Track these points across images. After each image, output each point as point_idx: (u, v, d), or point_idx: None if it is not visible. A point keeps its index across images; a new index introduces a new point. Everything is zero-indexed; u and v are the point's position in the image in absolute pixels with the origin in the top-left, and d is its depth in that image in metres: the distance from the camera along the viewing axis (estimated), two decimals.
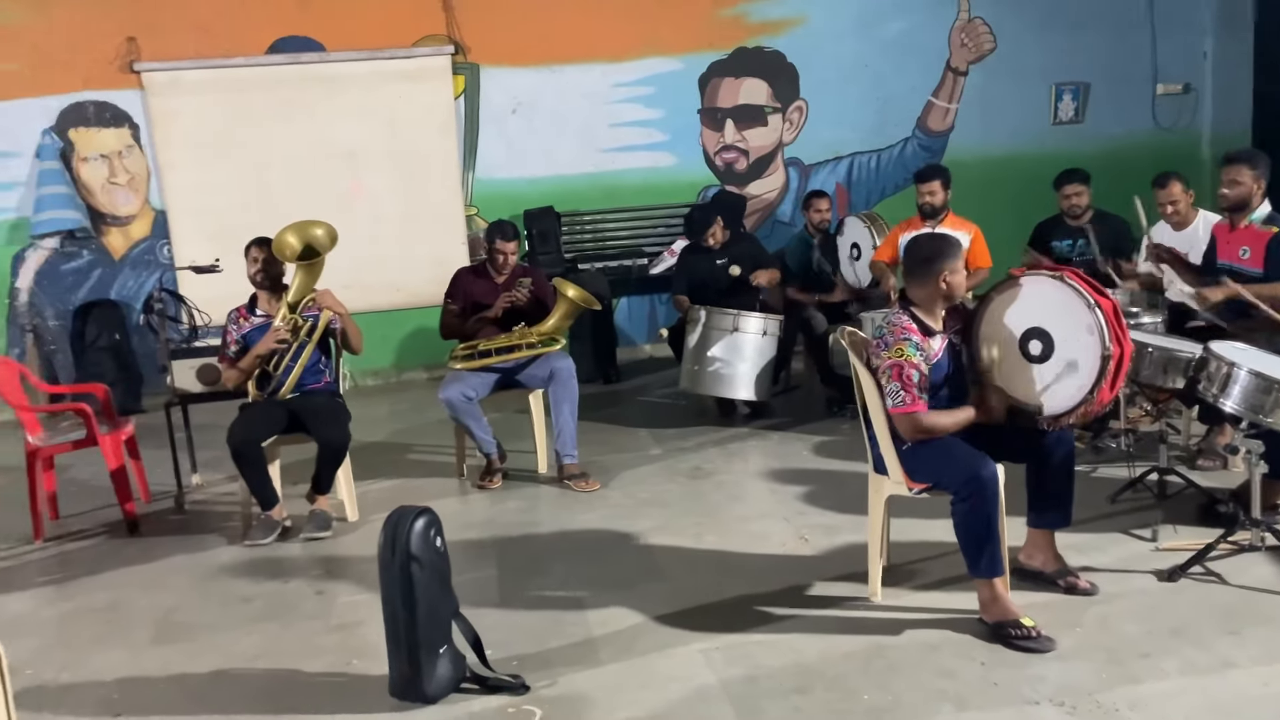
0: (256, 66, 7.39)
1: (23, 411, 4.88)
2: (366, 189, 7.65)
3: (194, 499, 5.23)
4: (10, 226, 7.27)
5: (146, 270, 7.53)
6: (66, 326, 7.40)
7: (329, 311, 4.64)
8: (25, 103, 7.10)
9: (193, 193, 7.43)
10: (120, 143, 7.36)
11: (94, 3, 7.14)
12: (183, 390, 5.08)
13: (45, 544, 4.72)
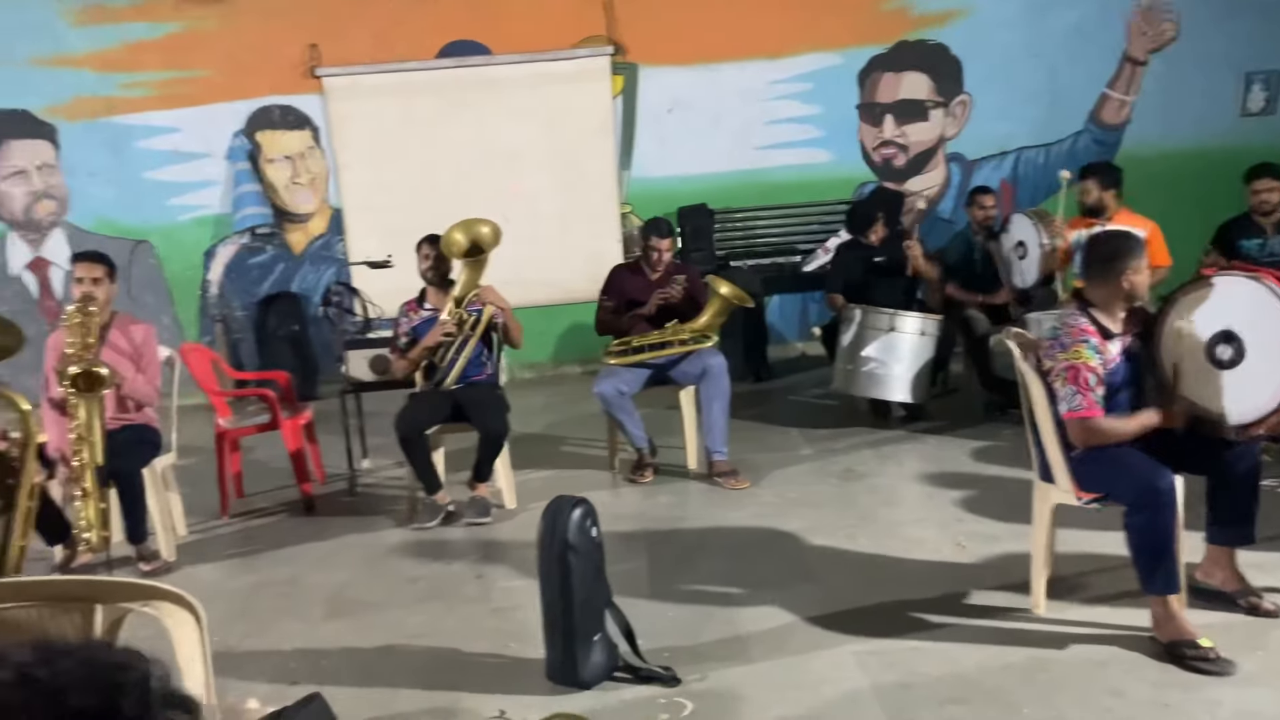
0: (427, 70, 7.71)
1: (214, 396, 5.26)
2: (525, 188, 7.86)
3: (364, 482, 5.51)
4: (210, 222, 7.83)
5: (323, 265, 7.98)
6: (251, 317, 7.92)
7: (492, 306, 4.81)
8: (219, 107, 7.63)
9: (366, 191, 7.82)
10: (302, 144, 7.82)
11: (281, 12, 7.61)
12: (356, 379, 5.36)
13: (231, 519, 5.08)
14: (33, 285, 7.82)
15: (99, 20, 7.51)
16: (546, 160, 7.90)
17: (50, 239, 7.80)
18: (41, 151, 7.66)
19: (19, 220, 7.76)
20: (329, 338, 7.89)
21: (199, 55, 7.58)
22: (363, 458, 5.72)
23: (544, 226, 7.88)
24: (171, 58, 7.55)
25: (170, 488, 4.74)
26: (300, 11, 7.61)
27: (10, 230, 7.76)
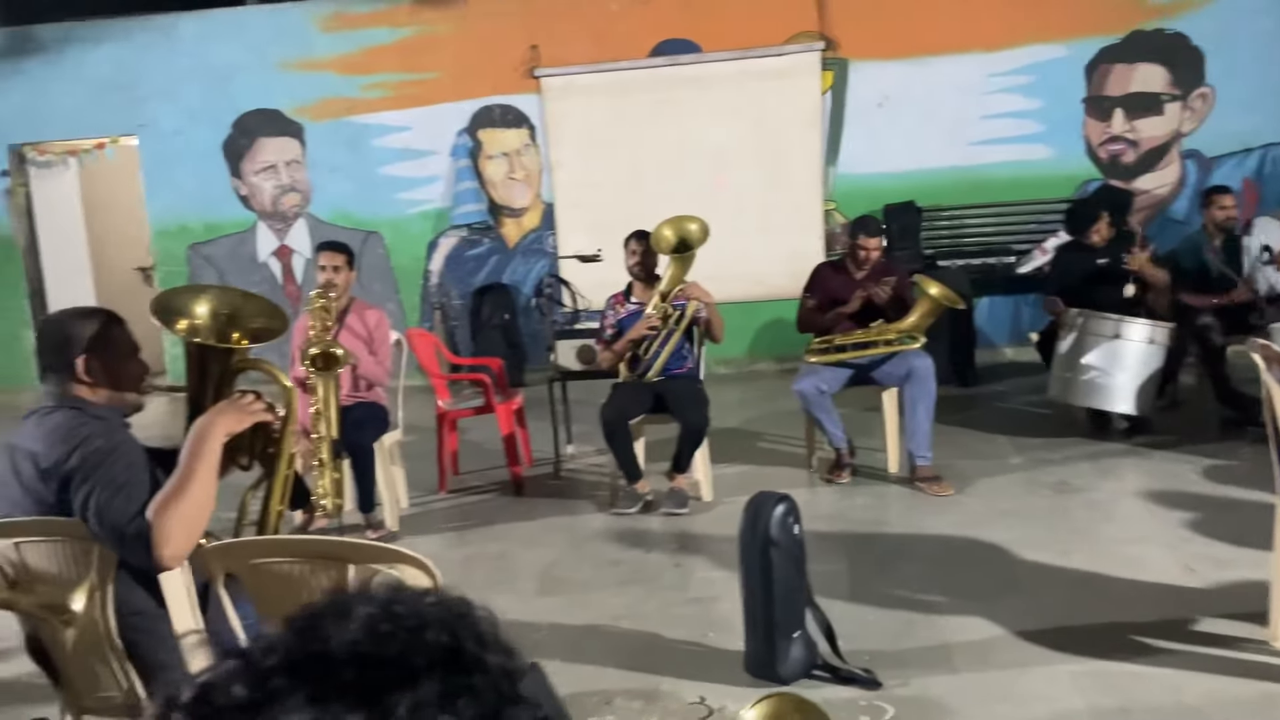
0: (639, 69, 7.89)
1: (435, 379, 5.61)
2: (729, 184, 7.92)
3: (568, 467, 5.72)
4: (432, 216, 8.33)
5: (534, 258, 8.32)
6: (467, 306, 8.36)
7: (696, 302, 4.88)
8: (446, 107, 8.10)
9: (576, 188, 8.10)
10: (519, 142, 8.19)
11: (505, 15, 7.99)
12: (564, 367, 5.58)
13: (447, 495, 5.40)
14: (277, 271, 8.55)
15: (344, 27, 8.12)
16: (751, 157, 7.92)
17: (294, 229, 8.50)
18: (289, 148, 8.36)
19: (267, 211, 8.51)
20: (537, 327, 8.24)
21: (430, 58, 8.06)
22: (567, 443, 5.94)
23: (746, 222, 7.91)
24: (406, 61, 8.07)
25: (395, 462, 5.08)
26: (523, 15, 7.96)
27: (260, 220, 8.52)
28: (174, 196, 8.46)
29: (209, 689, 0.59)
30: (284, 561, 2.06)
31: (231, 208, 8.47)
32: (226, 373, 2.48)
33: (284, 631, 0.62)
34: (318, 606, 0.63)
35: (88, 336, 2.39)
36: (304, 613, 0.63)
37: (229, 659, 0.61)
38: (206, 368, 2.47)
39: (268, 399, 2.45)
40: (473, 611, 0.65)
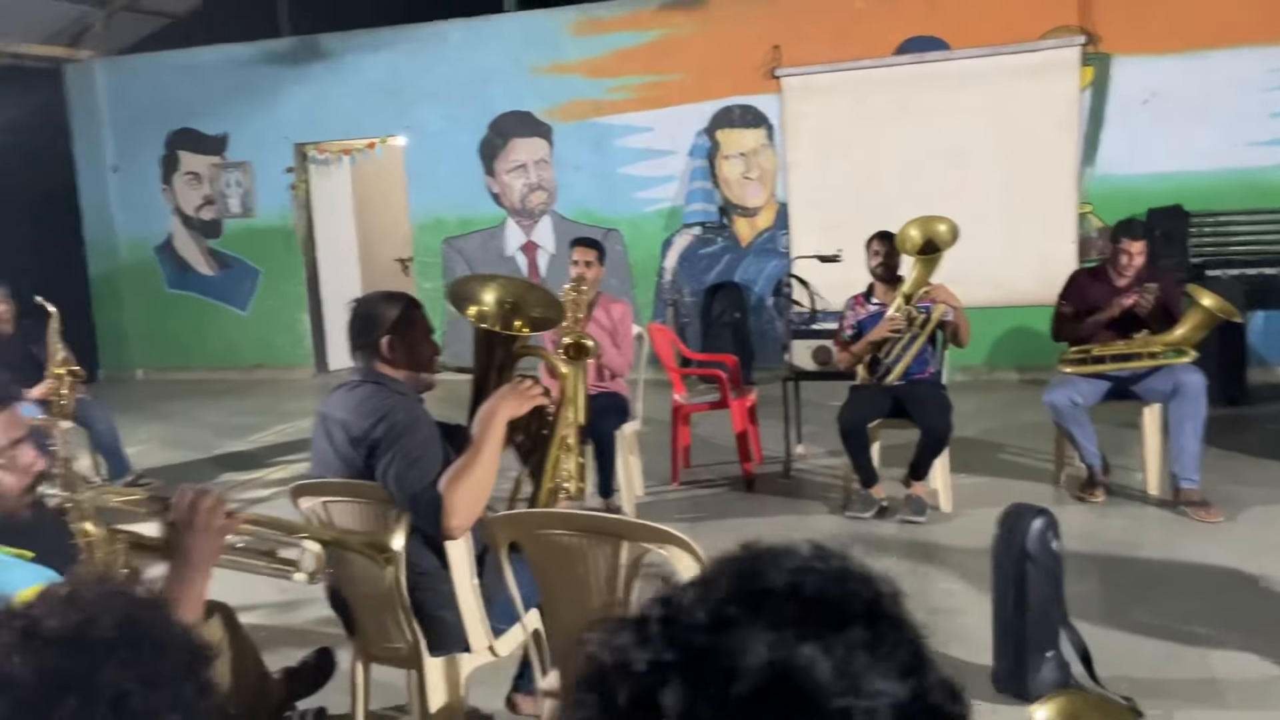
0: (883, 68, 7.76)
1: (672, 372, 5.75)
2: (972, 185, 7.64)
3: (798, 467, 5.73)
4: (667, 214, 8.53)
5: (766, 257, 8.36)
6: (698, 303, 8.51)
7: (943, 305, 4.76)
8: (686, 108, 8.27)
9: (812, 188, 8.06)
10: (756, 142, 8.24)
11: (748, 16, 8.06)
12: (798, 367, 5.59)
13: (680, 486, 5.53)
14: (523, 265, 9.01)
15: (593, 31, 8.45)
16: (998, 156, 7.62)
17: (539, 225, 8.93)
18: (538, 149, 8.79)
19: (516, 208, 8.98)
20: (766, 327, 8.29)
21: (674, 60, 8.25)
22: (797, 443, 5.94)
23: (991, 225, 7.60)
24: (651, 63, 8.30)
25: (633, 452, 5.26)
26: (766, 16, 8.01)
27: (509, 216, 9.00)
28: (433, 193, 9.09)
29: (675, 610, 0.67)
30: (564, 534, 2.20)
31: (484, 204, 9.00)
32: (508, 357, 2.68)
33: (722, 570, 0.69)
34: (753, 551, 0.70)
35: (392, 318, 2.63)
36: (743, 555, 0.70)
37: (684, 590, 0.69)
38: (492, 351, 2.67)
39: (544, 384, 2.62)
40: (881, 577, 0.70)
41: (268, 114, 9.32)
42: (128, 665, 0.94)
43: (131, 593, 1.03)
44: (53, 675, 0.91)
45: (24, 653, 0.92)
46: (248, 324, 9.77)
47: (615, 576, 2.16)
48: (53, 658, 0.92)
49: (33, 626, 0.94)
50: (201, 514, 1.72)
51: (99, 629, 0.95)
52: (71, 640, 0.94)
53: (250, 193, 9.58)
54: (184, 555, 1.71)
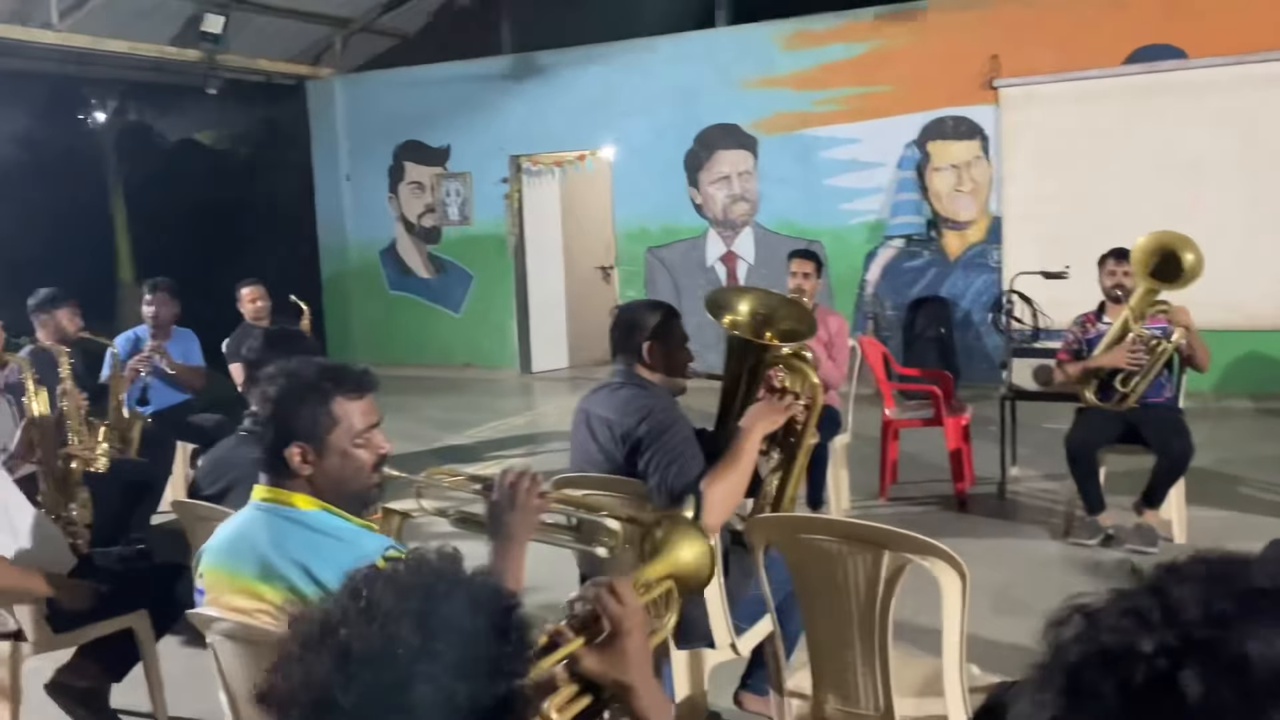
0: (1111, 78, 7.44)
1: (884, 386, 5.72)
2: (1207, 201, 7.21)
3: (1012, 489, 5.57)
4: (871, 227, 8.46)
5: (976, 272, 8.15)
6: (900, 317, 8.39)
7: (1181, 330, 4.54)
8: (896, 119, 8.18)
9: (1028, 201, 7.81)
10: (969, 154, 8.06)
11: (965, 26, 7.90)
12: (1018, 386, 5.44)
13: (887, 502, 5.49)
14: (722, 275, 9.13)
15: (804, 45, 8.49)
16: (1238, 171, 7.16)
17: (740, 236, 9.04)
18: (743, 160, 8.90)
19: (718, 219, 9.12)
20: (972, 343, 8.08)
21: (885, 72, 8.18)
22: (1011, 465, 5.78)
23: (1227, 243, 7.13)
24: (861, 75, 8.26)
25: (842, 465, 5.27)
26: (986, 25, 7.83)
27: (710, 227, 9.15)
28: (638, 203, 9.35)
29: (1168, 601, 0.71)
30: (825, 539, 2.27)
31: (687, 215, 9.18)
32: (759, 366, 2.77)
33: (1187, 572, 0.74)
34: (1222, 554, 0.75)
35: (653, 325, 2.78)
36: (1208, 558, 0.75)
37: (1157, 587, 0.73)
38: (743, 359, 2.77)
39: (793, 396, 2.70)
40: None
41: (487, 127, 9.83)
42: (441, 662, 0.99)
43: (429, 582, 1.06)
44: (373, 696, 0.96)
45: (343, 679, 0.97)
46: (460, 325, 10.33)
47: (875, 585, 2.21)
48: (370, 679, 0.97)
49: (344, 650, 0.99)
50: (520, 493, 1.89)
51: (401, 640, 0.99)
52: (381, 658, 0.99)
53: (468, 201, 10.13)
54: (505, 531, 1.89)
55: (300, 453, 1.87)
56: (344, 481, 1.90)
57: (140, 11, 8.56)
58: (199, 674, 3.68)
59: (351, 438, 1.90)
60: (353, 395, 1.91)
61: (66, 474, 3.27)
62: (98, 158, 12.08)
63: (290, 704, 0.99)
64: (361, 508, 1.96)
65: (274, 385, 1.91)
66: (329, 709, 0.97)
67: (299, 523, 1.87)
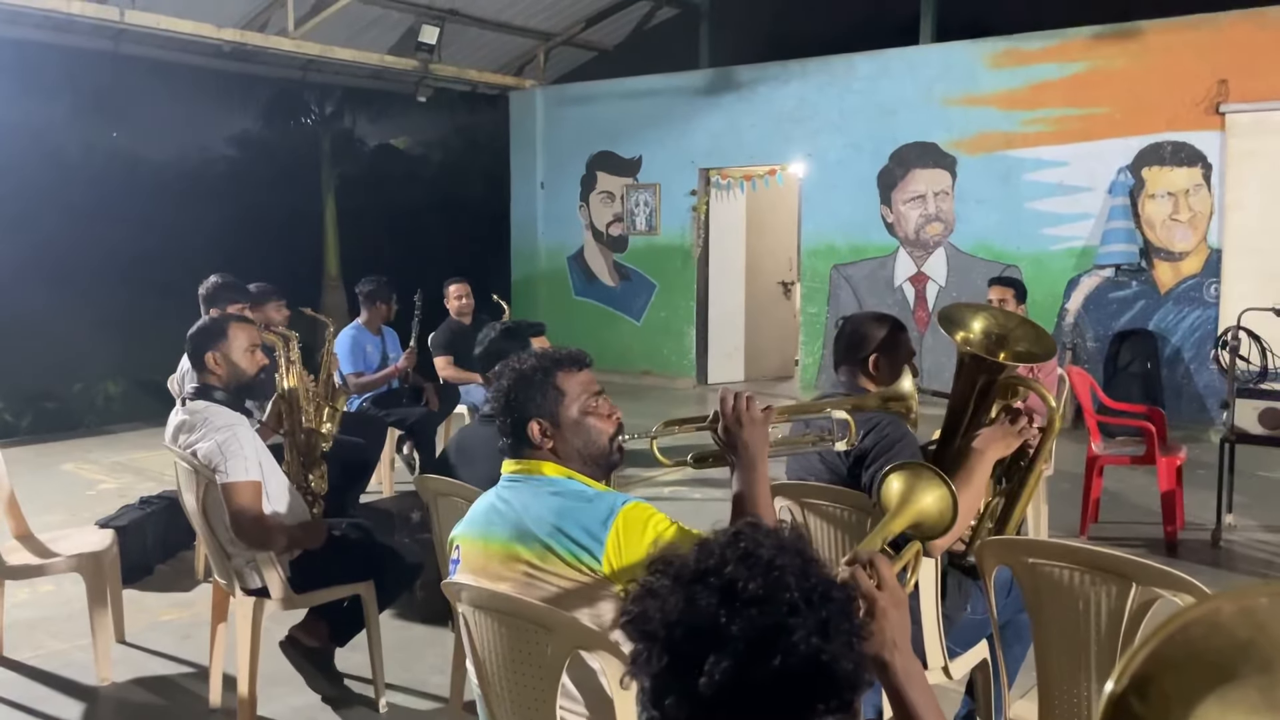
0: None
1: (1090, 419, 5.46)
2: None
3: (1226, 538, 5.22)
4: (1076, 254, 8.10)
5: (1189, 306, 7.68)
6: (1101, 349, 7.99)
7: None
8: (1109, 143, 7.81)
9: (1253, 234, 7.31)
10: (1189, 181, 7.61)
11: (1189, 47, 7.48)
12: (1241, 429, 5.09)
13: (1088, 540, 5.22)
14: (910, 296, 8.94)
15: (1013, 63, 8.23)
16: None
17: (932, 257, 8.82)
18: (940, 180, 8.69)
19: (910, 239, 8.93)
20: (1181, 381, 7.62)
21: (1100, 93, 7.83)
22: (1227, 512, 5.42)
23: None
24: (1072, 95, 7.94)
25: (1042, 499, 5.05)
26: (1212, 47, 7.39)
27: (901, 246, 8.97)
28: (826, 219, 9.27)
29: None
30: (1063, 566, 2.19)
31: (877, 233, 9.04)
32: (990, 385, 2.70)
33: None
34: None
35: (880, 338, 2.76)
36: None
37: None
38: (975, 378, 2.71)
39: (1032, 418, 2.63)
40: None
41: (678, 140, 9.98)
42: (810, 618, 1.05)
43: (793, 542, 1.14)
44: (759, 635, 1.03)
45: (730, 612, 1.04)
46: (640, 333, 10.50)
47: (1119, 618, 2.12)
48: (756, 618, 1.04)
49: (731, 587, 1.06)
50: (745, 411, 2.00)
51: (786, 587, 1.06)
52: (768, 600, 1.05)
53: (655, 212, 10.30)
54: (744, 451, 1.99)
55: (540, 428, 2.03)
56: (584, 447, 2.05)
57: (367, 22, 9.13)
58: (409, 646, 3.92)
59: (581, 407, 2.05)
60: (572, 370, 2.08)
61: (310, 446, 3.51)
62: (314, 159, 12.95)
63: (663, 628, 1.06)
64: (607, 473, 2.07)
65: (504, 375, 2.09)
66: (711, 636, 1.04)
67: (547, 488, 2.00)
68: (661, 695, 1.06)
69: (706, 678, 1.02)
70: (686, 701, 1.04)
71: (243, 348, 3.19)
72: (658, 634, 1.06)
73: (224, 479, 2.96)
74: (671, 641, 1.05)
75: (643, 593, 1.12)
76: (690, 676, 1.03)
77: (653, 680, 1.06)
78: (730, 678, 1.02)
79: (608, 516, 1.93)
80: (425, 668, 3.72)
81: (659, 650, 1.06)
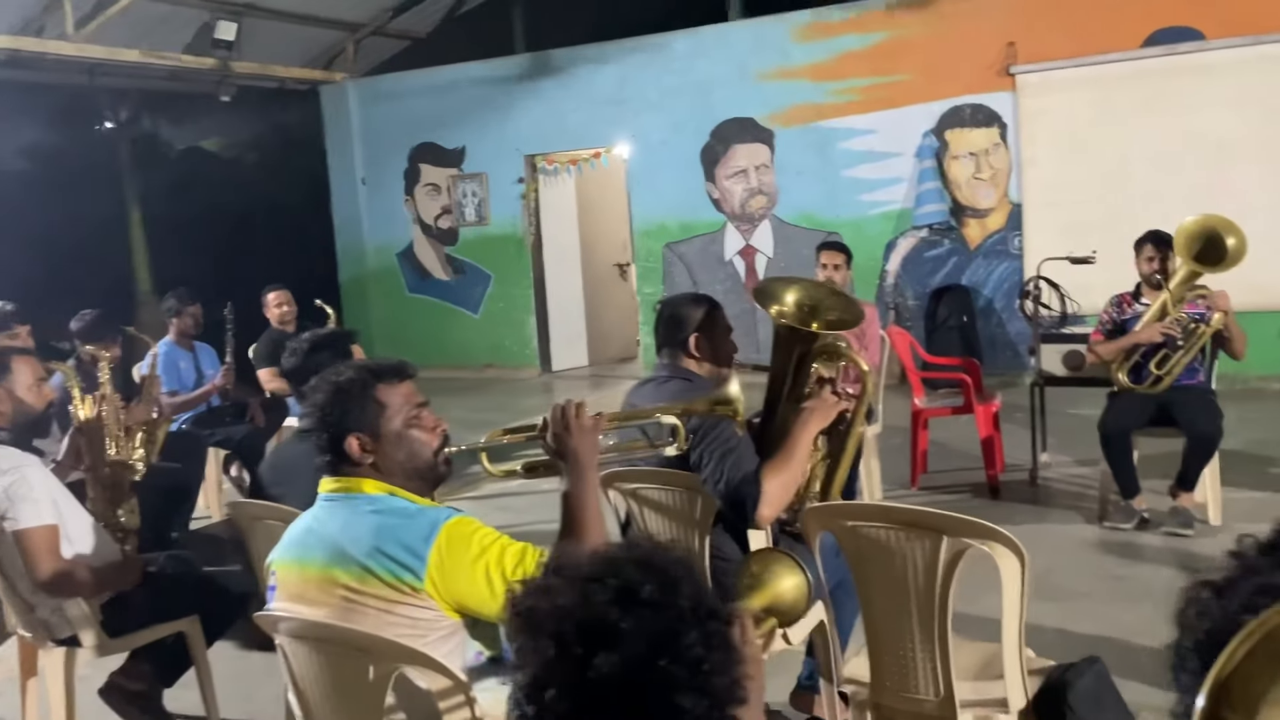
0: (1129, 61, 7.41)
1: (913, 376, 5.71)
2: (1231, 182, 7.18)
3: (1044, 475, 5.56)
4: (892, 217, 8.44)
5: (996, 260, 8.13)
6: (922, 306, 8.37)
7: (1222, 315, 4.52)
8: (913, 109, 8.16)
9: (1049, 187, 7.79)
10: (988, 141, 8.04)
11: (981, 14, 7.88)
12: (1048, 372, 5.43)
13: (919, 491, 5.49)
14: (741, 269, 9.12)
15: (819, 36, 8.48)
16: (1262, 151, 7.13)
17: (759, 230, 9.03)
18: (759, 154, 8.89)
19: (735, 213, 9.11)
20: (995, 331, 8.06)
21: (900, 61, 8.16)
22: (1042, 451, 5.77)
23: (1252, 225, 7.01)
24: (876, 65, 8.24)
25: (873, 455, 5.26)
26: (1000, 12, 7.81)
27: (728, 221, 9.14)
28: (655, 199, 9.35)
29: None
30: (881, 526, 2.27)
31: (704, 210, 9.18)
32: (806, 355, 2.77)
33: None
34: None
35: (698, 319, 2.78)
36: None
37: None
38: (790, 349, 2.77)
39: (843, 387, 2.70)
40: None
41: (501, 127, 9.84)
42: (697, 630, 1.06)
43: (687, 558, 1.17)
44: (651, 636, 1.04)
45: (625, 612, 1.05)
46: (479, 326, 10.35)
47: (934, 572, 2.21)
48: (649, 620, 1.05)
49: (629, 589, 1.07)
50: (574, 419, 1.97)
51: (681, 595, 1.08)
52: (662, 605, 1.06)
53: (484, 202, 10.15)
54: (573, 459, 1.97)
55: (359, 443, 1.95)
56: (407, 461, 1.98)
57: (154, 21, 8.59)
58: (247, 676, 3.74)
59: (403, 419, 1.98)
60: (393, 381, 2.01)
61: (114, 480, 3.29)
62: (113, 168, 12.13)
63: (554, 621, 1.06)
64: (433, 487, 2.01)
65: (319, 388, 2.00)
66: (603, 632, 1.04)
67: (367, 506, 1.93)
68: (543, 688, 1.05)
69: (594, 672, 1.02)
70: (568, 696, 1.03)
71: (26, 383, 2.96)
72: (547, 627, 1.06)
73: (14, 526, 2.73)
74: (561, 635, 1.05)
75: (533, 589, 1.12)
76: (577, 671, 1.03)
77: (536, 673, 1.05)
78: (617, 674, 1.02)
79: (430, 533, 1.87)
80: (266, 696, 3.55)
81: (546, 643, 1.05)
